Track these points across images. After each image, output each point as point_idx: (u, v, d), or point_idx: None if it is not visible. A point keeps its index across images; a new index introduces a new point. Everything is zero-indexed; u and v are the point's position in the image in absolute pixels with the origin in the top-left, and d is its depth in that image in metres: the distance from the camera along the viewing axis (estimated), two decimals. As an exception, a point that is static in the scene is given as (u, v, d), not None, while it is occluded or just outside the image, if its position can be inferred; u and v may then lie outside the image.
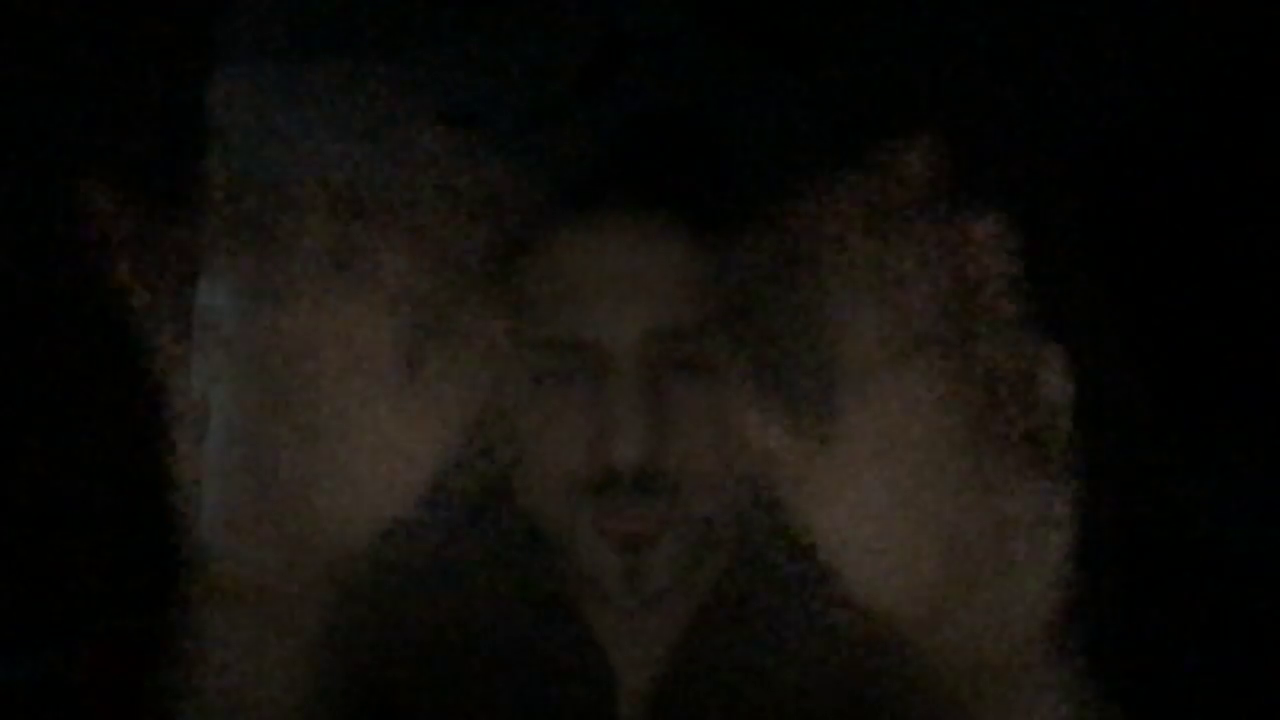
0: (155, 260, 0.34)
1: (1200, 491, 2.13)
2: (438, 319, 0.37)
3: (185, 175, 0.32)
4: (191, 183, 0.32)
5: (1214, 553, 2.03)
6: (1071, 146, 2.29)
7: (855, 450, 0.34)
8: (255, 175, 0.32)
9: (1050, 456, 0.35)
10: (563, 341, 0.50)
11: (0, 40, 1.46)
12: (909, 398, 0.33)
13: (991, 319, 0.34)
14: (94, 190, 0.32)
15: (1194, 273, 2.13)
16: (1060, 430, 0.35)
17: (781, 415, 0.35)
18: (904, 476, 0.34)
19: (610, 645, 0.52)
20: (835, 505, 0.35)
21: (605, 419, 0.48)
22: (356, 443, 0.36)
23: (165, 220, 0.32)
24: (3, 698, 1.25)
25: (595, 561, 0.51)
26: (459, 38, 1.62)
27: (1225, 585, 2.00)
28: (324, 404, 0.35)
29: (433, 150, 0.35)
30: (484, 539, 0.53)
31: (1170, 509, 2.16)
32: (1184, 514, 2.16)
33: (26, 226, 1.53)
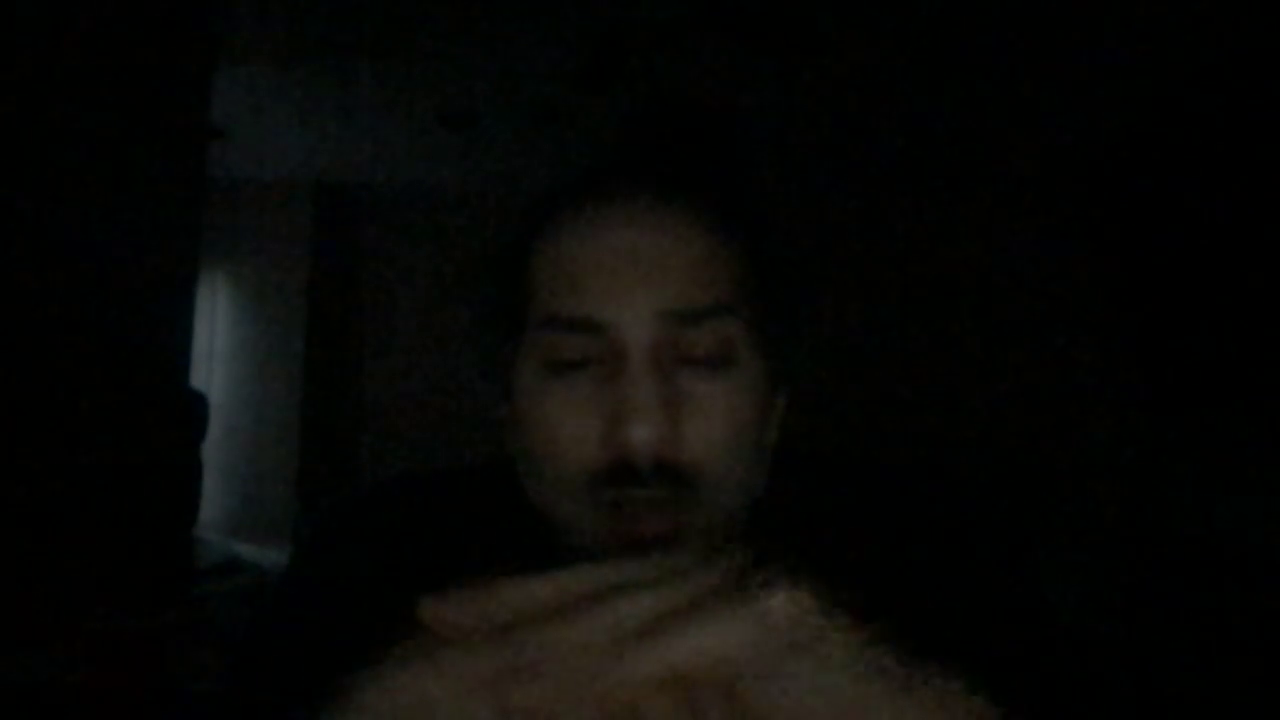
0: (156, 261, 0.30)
1: (1200, 491, 2.13)
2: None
3: (186, 176, 0.30)
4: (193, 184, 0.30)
5: (1214, 552, 2.03)
6: (1072, 146, 2.30)
7: None
8: (255, 175, 0.30)
9: None
10: (574, 319, 0.48)
11: (1, 41, 1.46)
12: None
13: None
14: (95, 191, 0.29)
15: (1195, 273, 2.13)
16: None
17: None
18: None
19: None
20: None
21: (618, 406, 0.46)
22: None
23: (165, 221, 0.30)
24: (3, 698, 1.25)
25: None
26: (459, 38, 1.62)
27: (1225, 585, 2.00)
28: None
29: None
30: (491, 526, 0.53)
31: (1170, 509, 2.15)
32: (1184, 514, 2.16)
33: (28, 228, 1.53)
